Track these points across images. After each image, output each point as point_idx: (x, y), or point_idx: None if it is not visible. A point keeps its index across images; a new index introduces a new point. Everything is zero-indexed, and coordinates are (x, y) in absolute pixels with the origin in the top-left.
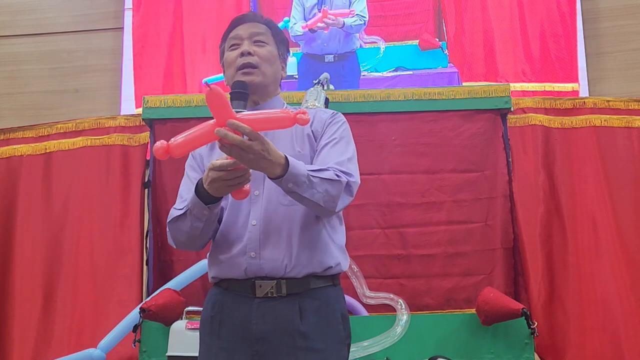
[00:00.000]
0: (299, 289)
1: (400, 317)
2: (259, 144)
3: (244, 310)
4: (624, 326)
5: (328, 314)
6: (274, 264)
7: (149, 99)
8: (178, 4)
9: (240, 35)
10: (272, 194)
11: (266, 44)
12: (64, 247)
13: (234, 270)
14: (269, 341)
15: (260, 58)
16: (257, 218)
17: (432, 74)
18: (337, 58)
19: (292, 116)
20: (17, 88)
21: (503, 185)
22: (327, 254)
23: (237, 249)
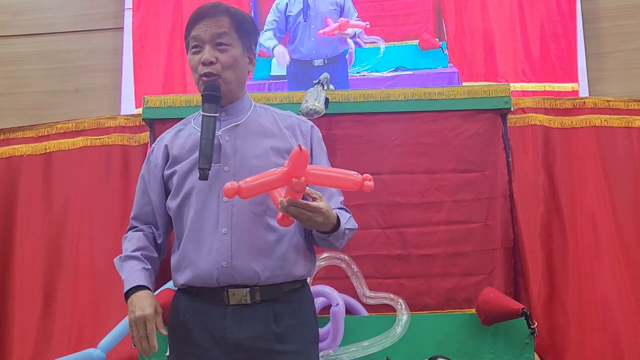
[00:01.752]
0: (272, 295)
1: (400, 317)
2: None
3: (217, 318)
4: (624, 326)
5: (302, 316)
6: (246, 274)
7: (149, 99)
8: (178, 4)
9: (201, 36)
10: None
11: (229, 46)
12: (64, 247)
13: (205, 279)
14: (246, 348)
15: (222, 66)
16: (227, 226)
17: (432, 74)
18: (327, 62)
19: (359, 181)
20: (17, 88)
21: (503, 185)
22: (299, 262)
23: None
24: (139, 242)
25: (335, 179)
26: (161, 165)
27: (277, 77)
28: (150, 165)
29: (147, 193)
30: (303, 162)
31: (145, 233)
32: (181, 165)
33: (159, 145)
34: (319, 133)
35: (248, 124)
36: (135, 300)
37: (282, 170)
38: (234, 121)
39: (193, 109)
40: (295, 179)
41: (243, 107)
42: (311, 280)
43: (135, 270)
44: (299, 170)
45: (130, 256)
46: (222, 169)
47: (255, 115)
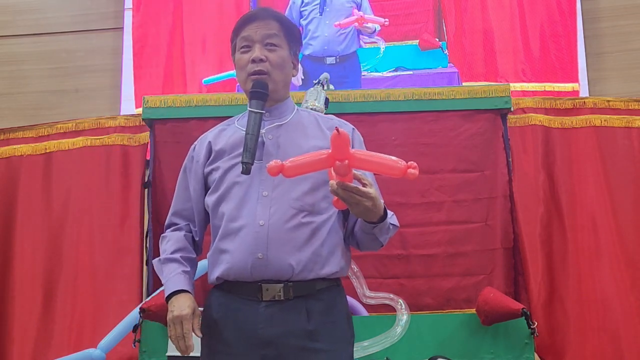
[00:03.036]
0: (305, 291)
1: (400, 317)
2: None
3: (250, 314)
4: (624, 326)
5: (334, 315)
6: (280, 267)
7: (149, 99)
8: (178, 4)
9: (252, 37)
10: (281, 195)
11: (278, 47)
12: (64, 247)
13: (240, 270)
14: (276, 345)
15: (271, 64)
16: (265, 219)
17: (432, 74)
18: (339, 60)
19: (402, 168)
20: (17, 88)
21: (503, 185)
22: (333, 259)
23: (244, 248)
24: (178, 243)
25: (379, 163)
26: (202, 162)
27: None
28: (192, 162)
29: (188, 189)
30: (344, 144)
31: (185, 233)
32: (223, 161)
33: (201, 142)
34: (360, 136)
35: (291, 124)
36: (175, 301)
37: (325, 153)
38: (278, 121)
39: (193, 109)
40: (339, 162)
41: (287, 109)
42: None
43: (175, 274)
44: (341, 152)
45: (170, 259)
46: (264, 165)
47: (298, 117)
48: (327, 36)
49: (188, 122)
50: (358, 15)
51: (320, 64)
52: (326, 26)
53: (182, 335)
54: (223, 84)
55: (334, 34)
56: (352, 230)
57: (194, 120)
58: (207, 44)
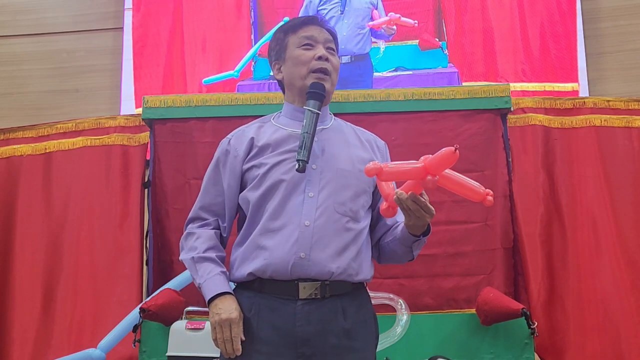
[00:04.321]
0: (341, 290)
1: (400, 317)
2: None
3: (287, 313)
4: (624, 326)
5: (365, 314)
6: (321, 268)
7: (149, 99)
8: (178, 4)
9: (316, 37)
10: (327, 198)
11: (335, 53)
12: (64, 247)
13: (279, 267)
14: (314, 343)
15: (332, 66)
16: (311, 220)
17: (432, 74)
18: (354, 59)
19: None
20: (17, 88)
21: (503, 185)
22: (367, 266)
23: (287, 246)
24: (210, 241)
25: (464, 186)
26: (242, 157)
27: None
28: (228, 156)
29: (220, 184)
30: (448, 163)
31: (214, 230)
32: (267, 157)
33: (239, 137)
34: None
35: (333, 129)
36: (220, 303)
37: (420, 165)
38: (322, 125)
39: (193, 109)
40: (430, 177)
41: (327, 115)
42: None
43: (214, 275)
44: (439, 169)
45: (205, 257)
46: (311, 166)
47: (337, 124)
48: (346, 35)
49: (188, 122)
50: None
51: None
52: (345, 25)
53: (230, 338)
54: (223, 84)
55: (353, 34)
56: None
57: (193, 120)
58: (207, 44)
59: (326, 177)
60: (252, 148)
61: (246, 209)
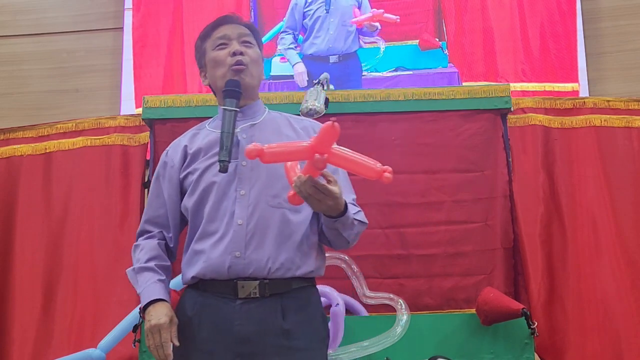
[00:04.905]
0: (281, 289)
1: (400, 317)
2: (338, 191)
3: (226, 312)
4: (624, 326)
5: (309, 314)
6: (258, 265)
7: (149, 99)
8: (178, 4)
9: (228, 35)
10: (258, 194)
11: (253, 45)
12: (64, 247)
13: (216, 269)
14: (252, 342)
15: (250, 59)
16: (244, 217)
17: (432, 74)
18: (342, 58)
19: (379, 171)
20: (17, 88)
21: (503, 185)
22: (310, 258)
23: (221, 247)
24: (152, 252)
25: (357, 163)
26: (178, 166)
27: (277, 77)
28: (166, 167)
29: (161, 195)
30: (332, 138)
31: (158, 241)
32: (199, 163)
33: (175, 147)
34: None
35: (265, 123)
36: (152, 310)
37: (308, 144)
38: (251, 121)
39: (193, 109)
40: (319, 155)
41: (258, 110)
42: None
43: (150, 283)
44: (325, 146)
45: (144, 267)
46: (240, 164)
47: (270, 117)
48: (333, 34)
49: (188, 122)
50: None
51: (324, 63)
52: (331, 24)
53: (161, 344)
54: None
55: (340, 33)
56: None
57: (193, 120)
58: None
59: (257, 172)
60: (186, 156)
61: (187, 216)
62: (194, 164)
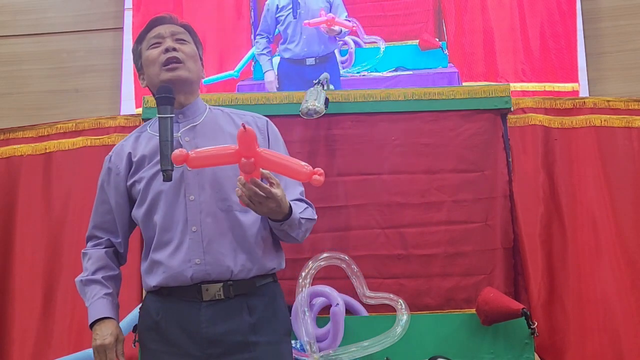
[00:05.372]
0: (246, 289)
1: (400, 317)
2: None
3: (192, 314)
4: (624, 326)
5: (275, 308)
6: (220, 269)
7: (149, 99)
8: (178, 4)
9: (162, 33)
10: (207, 199)
11: (188, 42)
12: (64, 247)
13: (179, 278)
14: (221, 342)
15: (184, 54)
16: (197, 224)
17: (432, 74)
18: (319, 60)
19: (307, 173)
20: (17, 88)
21: (503, 185)
22: (269, 256)
23: (180, 257)
24: (99, 262)
25: (284, 166)
26: (124, 174)
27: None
28: (110, 174)
29: (107, 202)
30: (250, 141)
31: (105, 249)
32: (144, 171)
33: (119, 154)
34: (275, 128)
35: (206, 123)
36: (98, 329)
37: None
38: (192, 122)
39: None
40: (245, 159)
41: (198, 109)
42: (311, 281)
43: (97, 299)
44: (248, 150)
45: (91, 280)
46: (186, 169)
47: (212, 116)
48: (306, 38)
49: None
50: (328, 17)
51: (300, 65)
52: (304, 29)
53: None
54: (223, 84)
55: (313, 35)
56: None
57: None
58: (207, 44)
59: (203, 176)
60: (131, 164)
61: (139, 225)
62: (139, 172)
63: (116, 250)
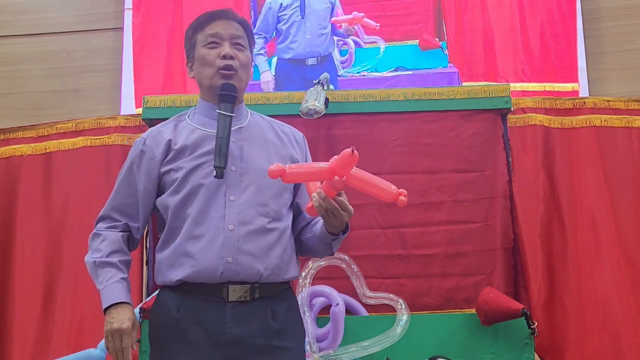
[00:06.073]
0: (270, 292)
1: (400, 317)
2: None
3: (216, 315)
4: (624, 326)
5: (295, 315)
6: (250, 271)
7: (149, 99)
8: (178, 4)
9: (221, 34)
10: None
11: (244, 49)
12: (64, 247)
13: (207, 274)
14: (243, 344)
15: (240, 63)
16: (235, 223)
17: (432, 74)
18: (320, 60)
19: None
20: (17, 88)
21: (503, 185)
22: (292, 264)
23: (212, 252)
24: (114, 245)
25: (374, 186)
26: (159, 159)
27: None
28: (143, 158)
29: (134, 185)
30: (351, 164)
31: (121, 233)
32: (185, 161)
33: (155, 138)
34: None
35: (250, 127)
36: (115, 312)
37: (328, 166)
38: (239, 124)
39: None
40: (338, 177)
41: (242, 112)
42: (311, 281)
43: (113, 282)
44: (345, 170)
45: (107, 262)
46: (230, 169)
47: (254, 120)
48: (310, 38)
49: None
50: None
51: (301, 65)
52: (308, 28)
53: (122, 348)
54: None
55: (316, 36)
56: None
57: None
58: None
59: (246, 178)
60: (169, 150)
61: (165, 214)
62: (178, 161)
63: (131, 235)
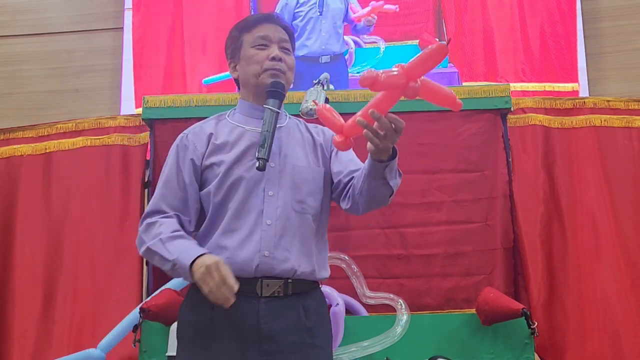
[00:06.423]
0: (302, 289)
1: (400, 317)
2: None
3: (251, 310)
4: (624, 326)
5: (324, 313)
6: (285, 266)
7: (149, 99)
8: (178, 4)
9: (270, 37)
10: (285, 197)
11: (290, 53)
12: (64, 247)
13: (243, 266)
14: (278, 339)
15: (287, 66)
16: (272, 218)
17: (432, 74)
18: (333, 58)
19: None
20: (17, 88)
21: (503, 185)
22: (325, 266)
23: (250, 246)
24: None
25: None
26: (201, 152)
27: None
28: (187, 152)
29: (181, 179)
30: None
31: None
32: (227, 155)
33: (197, 133)
34: None
35: (288, 128)
36: (200, 260)
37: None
38: (280, 123)
39: (193, 109)
40: (412, 82)
41: (283, 114)
42: None
43: (188, 245)
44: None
45: (175, 236)
46: (269, 165)
47: (291, 123)
48: (325, 36)
49: (188, 122)
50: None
51: (315, 63)
52: (324, 26)
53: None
54: (223, 84)
55: (332, 33)
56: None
57: (193, 120)
58: (207, 44)
59: (284, 175)
60: (211, 145)
61: (207, 207)
62: (219, 155)
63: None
